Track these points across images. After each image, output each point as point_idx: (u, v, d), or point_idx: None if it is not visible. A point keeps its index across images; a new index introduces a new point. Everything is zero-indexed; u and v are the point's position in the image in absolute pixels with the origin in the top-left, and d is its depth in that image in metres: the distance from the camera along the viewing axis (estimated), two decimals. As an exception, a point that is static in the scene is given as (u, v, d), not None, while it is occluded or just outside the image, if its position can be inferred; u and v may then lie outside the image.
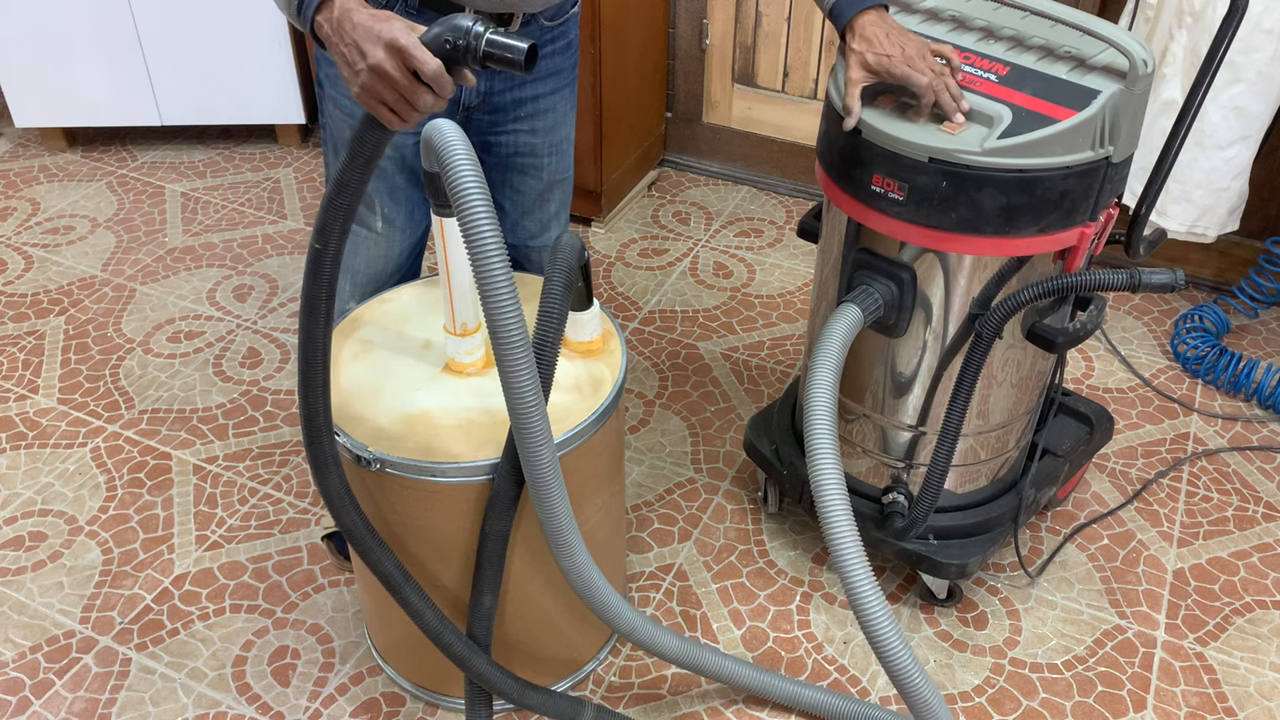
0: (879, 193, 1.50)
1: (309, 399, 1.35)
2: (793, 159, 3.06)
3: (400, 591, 1.48)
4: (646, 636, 1.58)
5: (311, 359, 1.32)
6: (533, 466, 1.34)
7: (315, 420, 1.36)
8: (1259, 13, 2.12)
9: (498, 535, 1.47)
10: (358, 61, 1.17)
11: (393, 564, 1.48)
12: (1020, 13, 1.56)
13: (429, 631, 1.50)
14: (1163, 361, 2.50)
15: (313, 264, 1.25)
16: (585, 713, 1.65)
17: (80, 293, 2.66)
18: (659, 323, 2.61)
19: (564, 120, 1.72)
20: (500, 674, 1.55)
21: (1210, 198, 2.34)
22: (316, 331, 1.30)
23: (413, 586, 1.49)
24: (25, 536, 2.03)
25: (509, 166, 1.71)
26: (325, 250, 1.23)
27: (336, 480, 1.41)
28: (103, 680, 1.79)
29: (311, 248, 1.24)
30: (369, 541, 1.46)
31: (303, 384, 1.34)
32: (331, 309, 1.30)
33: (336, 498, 1.42)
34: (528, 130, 1.68)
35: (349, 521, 1.44)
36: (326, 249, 1.23)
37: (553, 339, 1.39)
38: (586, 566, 1.46)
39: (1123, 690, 1.80)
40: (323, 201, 1.23)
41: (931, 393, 1.70)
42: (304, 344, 1.31)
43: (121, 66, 3.00)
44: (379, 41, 1.15)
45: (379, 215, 1.68)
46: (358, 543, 1.46)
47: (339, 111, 1.61)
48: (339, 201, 1.22)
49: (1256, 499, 2.15)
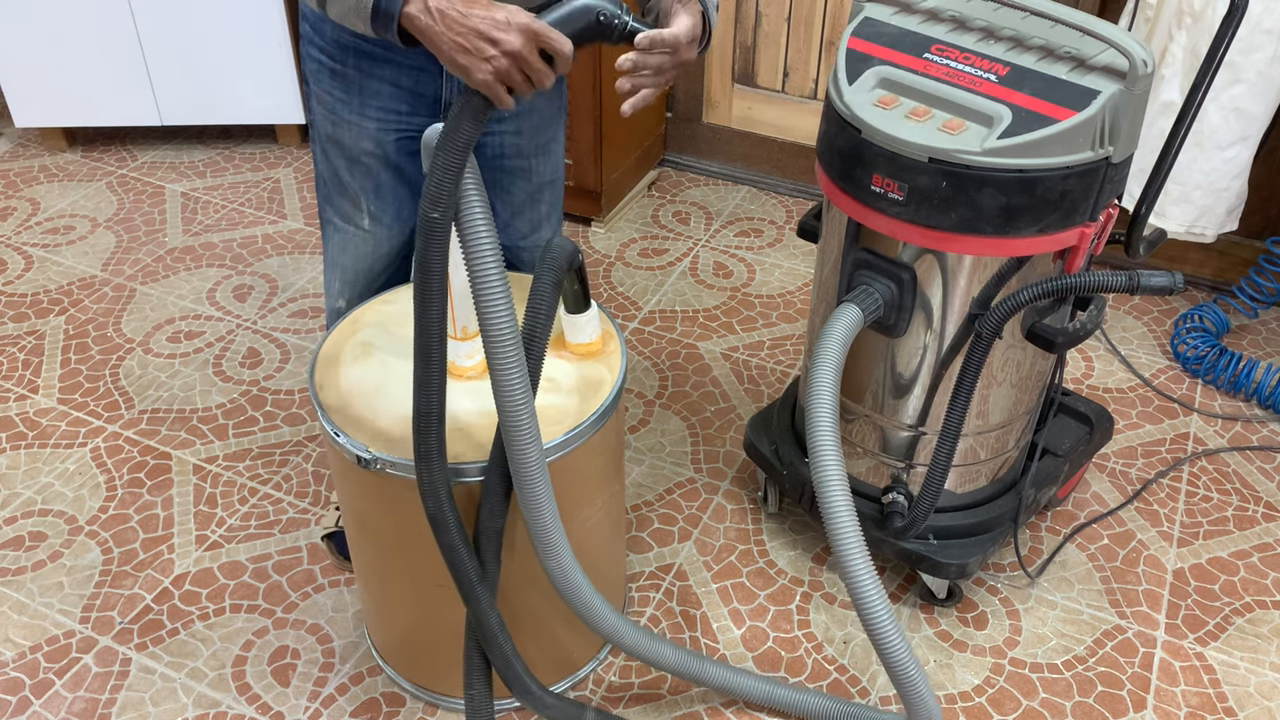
0: (879, 193, 1.50)
1: (426, 385, 1.33)
2: (793, 159, 3.06)
3: (473, 593, 1.46)
4: (630, 640, 1.58)
5: (429, 340, 1.31)
6: (520, 465, 1.35)
7: (429, 407, 1.34)
8: (1259, 13, 2.12)
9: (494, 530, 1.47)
10: (486, 49, 1.19)
11: (474, 565, 1.45)
12: (1020, 13, 1.56)
13: (488, 639, 1.48)
14: (1163, 361, 2.50)
15: (426, 232, 1.25)
16: (586, 716, 1.65)
17: (80, 293, 2.66)
18: (659, 323, 2.61)
19: (550, 121, 1.72)
20: (530, 677, 1.56)
21: (1209, 198, 2.34)
22: (432, 308, 1.29)
23: (485, 589, 1.47)
24: (25, 536, 2.03)
25: (497, 168, 1.71)
26: (443, 218, 1.24)
27: (440, 474, 1.39)
28: (103, 680, 1.79)
29: (427, 215, 1.24)
30: (455, 539, 1.43)
31: (420, 368, 1.32)
32: (445, 283, 1.29)
33: (435, 490, 1.40)
34: (513, 131, 1.68)
35: (441, 515, 1.42)
36: (444, 217, 1.25)
37: (539, 337, 1.40)
38: (571, 569, 1.46)
39: (1123, 690, 1.80)
40: (432, 174, 1.23)
41: (931, 393, 1.70)
42: (420, 324, 1.30)
43: (121, 66, 3.00)
44: (510, 27, 1.18)
45: (365, 213, 1.68)
46: (445, 539, 1.43)
47: (322, 108, 1.62)
48: (447, 178, 1.23)
49: (1256, 499, 2.15)
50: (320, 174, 1.69)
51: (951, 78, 1.48)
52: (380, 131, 1.60)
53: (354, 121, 1.59)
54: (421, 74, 1.56)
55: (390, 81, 1.56)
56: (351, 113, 1.59)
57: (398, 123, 1.61)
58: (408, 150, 1.65)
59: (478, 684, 1.55)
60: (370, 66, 1.54)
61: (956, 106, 1.46)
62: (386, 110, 1.58)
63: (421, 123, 1.62)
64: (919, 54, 1.53)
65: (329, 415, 1.49)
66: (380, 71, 1.55)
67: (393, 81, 1.56)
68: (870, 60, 1.54)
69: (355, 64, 1.54)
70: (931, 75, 1.50)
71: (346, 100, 1.58)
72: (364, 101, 1.57)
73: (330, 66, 1.56)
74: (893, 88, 1.52)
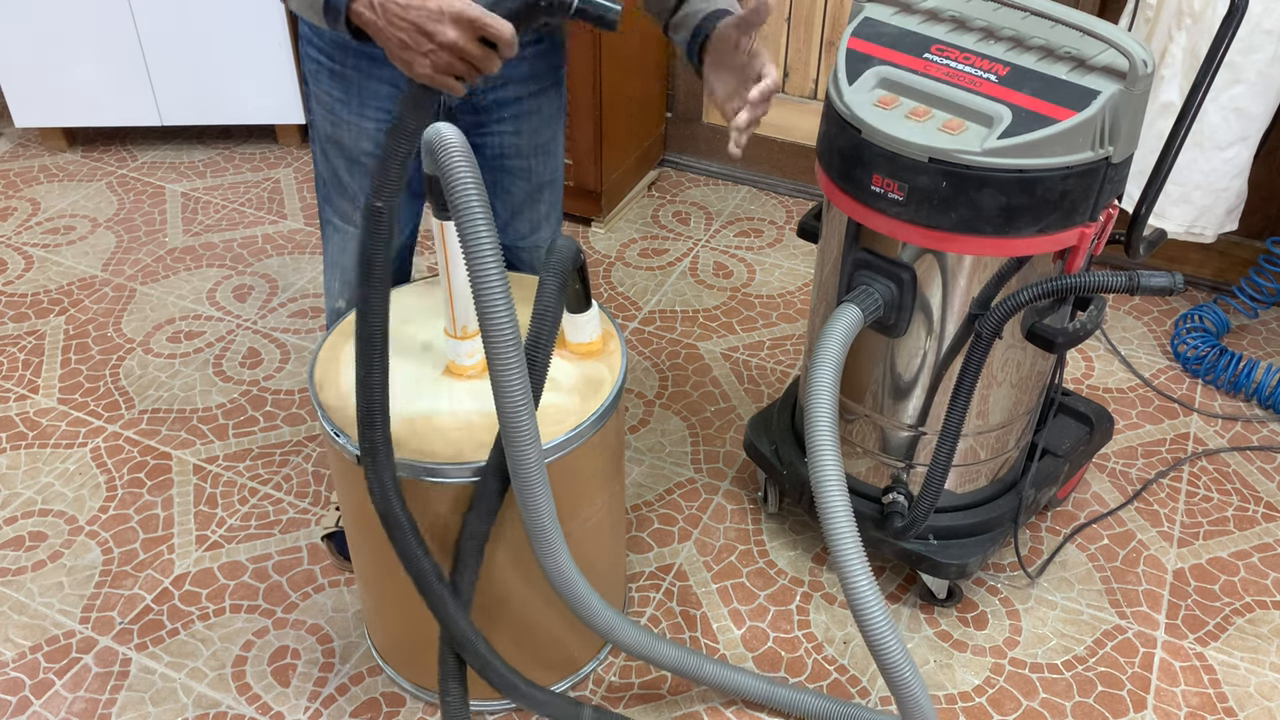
0: (879, 193, 1.50)
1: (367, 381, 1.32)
2: (793, 159, 3.06)
3: (430, 589, 1.46)
4: (626, 637, 1.58)
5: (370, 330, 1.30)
6: (519, 465, 1.35)
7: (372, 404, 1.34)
8: (1259, 13, 2.12)
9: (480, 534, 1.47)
10: (423, 43, 1.18)
11: (430, 563, 1.45)
12: (1020, 13, 1.56)
13: (458, 637, 1.48)
14: (1163, 361, 2.50)
15: (369, 221, 1.25)
16: (584, 714, 1.65)
17: (80, 293, 2.66)
18: (659, 323, 2.61)
19: (549, 122, 1.72)
20: (512, 674, 1.55)
21: (1209, 198, 2.34)
22: (373, 299, 1.28)
23: (445, 585, 1.47)
24: (25, 536, 2.03)
25: (496, 168, 1.71)
26: (387, 208, 1.24)
27: (387, 470, 1.39)
28: (103, 680, 1.79)
29: (370, 205, 1.24)
30: (408, 537, 1.43)
31: (362, 362, 1.31)
32: (388, 275, 1.29)
33: (383, 487, 1.40)
34: (512, 131, 1.68)
35: (391, 512, 1.41)
36: (388, 206, 1.24)
37: (546, 340, 1.39)
38: (568, 567, 1.47)
39: (1123, 690, 1.80)
40: (375, 165, 1.23)
41: (931, 393, 1.70)
42: (361, 313, 1.29)
43: (121, 66, 3.00)
44: (444, 18, 1.16)
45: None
46: (397, 537, 1.43)
47: (321, 108, 1.62)
48: (392, 167, 1.23)
49: (1256, 499, 2.15)
50: (320, 174, 1.69)
51: (951, 78, 1.49)
52: (379, 132, 1.60)
53: (353, 122, 1.59)
54: None
55: (389, 82, 1.56)
56: (350, 113, 1.59)
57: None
58: None
59: (453, 687, 1.53)
60: (369, 67, 1.54)
61: (956, 106, 1.46)
62: (386, 110, 1.58)
63: None
64: (919, 54, 1.53)
65: (329, 415, 1.49)
66: (379, 72, 1.55)
67: (391, 82, 1.56)
68: (870, 60, 1.54)
69: (354, 64, 1.54)
70: (931, 75, 1.50)
71: (345, 100, 1.58)
72: (363, 102, 1.57)
73: (329, 67, 1.56)
74: (893, 88, 1.52)
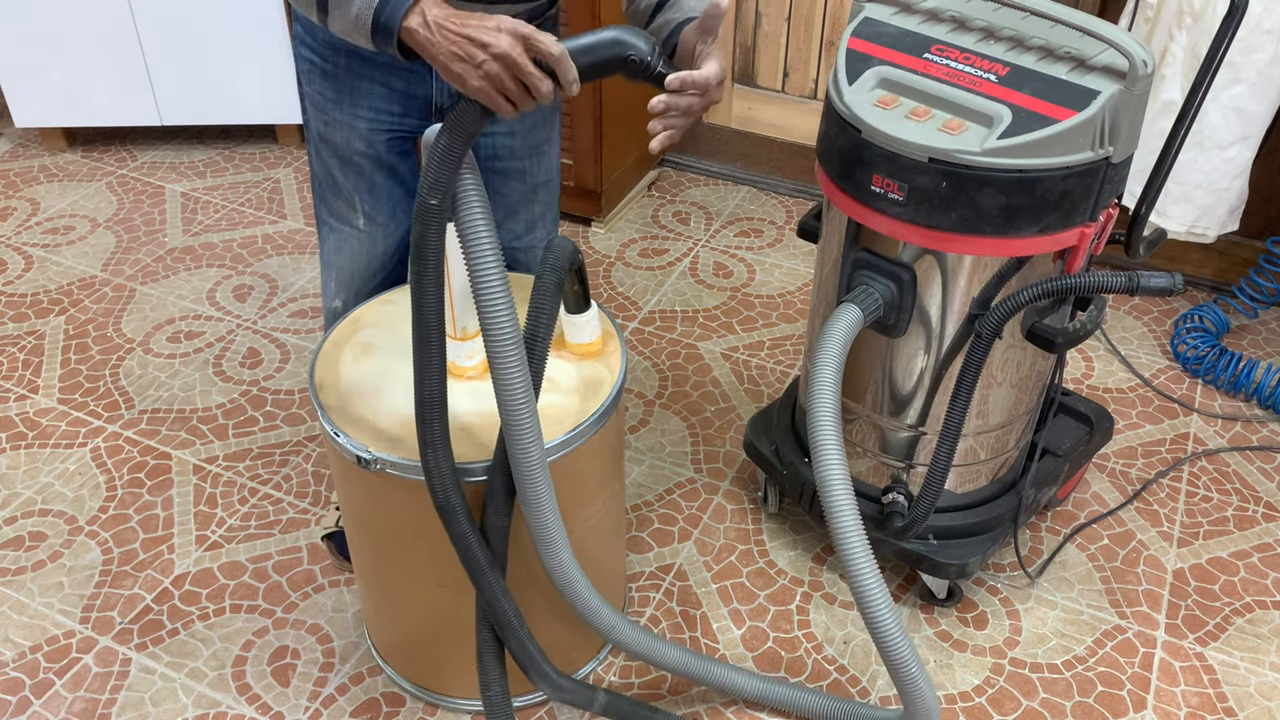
0: (879, 193, 1.50)
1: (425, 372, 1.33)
2: (793, 159, 3.06)
3: (485, 580, 1.46)
4: (626, 637, 1.59)
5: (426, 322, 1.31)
6: (521, 465, 1.35)
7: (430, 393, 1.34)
8: (1259, 13, 2.12)
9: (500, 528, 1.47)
10: (476, 54, 1.19)
11: (484, 553, 1.46)
12: (1020, 13, 1.56)
13: (504, 625, 1.49)
14: (1163, 361, 2.50)
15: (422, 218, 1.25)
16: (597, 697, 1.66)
17: (80, 293, 2.66)
18: (659, 323, 2.61)
19: (544, 123, 1.72)
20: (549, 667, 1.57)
21: (1210, 198, 2.34)
22: (429, 295, 1.29)
23: (497, 575, 1.47)
24: (25, 536, 2.03)
25: (490, 169, 1.71)
26: (440, 206, 1.24)
27: (446, 461, 1.39)
28: (103, 680, 1.79)
29: (425, 202, 1.24)
30: (465, 529, 1.43)
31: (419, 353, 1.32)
32: (442, 270, 1.29)
33: (441, 478, 1.40)
34: (505, 133, 1.68)
35: (449, 504, 1.41)
36: (441, 205, 1.25)
37: (543, 335, 1.40)
38: (570, 565, 1.47)
39: (1123, 690, 1.80)
40: (430, 161, 1.23)
41: (931, 393, 1.70)
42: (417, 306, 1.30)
43: (121, 66, 3.00)
44: (500, 31, 1.19)
45: (360, 212, 1.68)
46: (454, 528, 1.43)
47: (313, 108, 1.62)
48: (447, 166, 1.24)
49: (1256, 499, 2.15)
50: (315, 174, 1.70)
51: (951, 78, 1.49)
52: (372, 132, 1.60)
53: (345, 122, 1.59)
54: (412, 75, 1.56)
55: (381, 82, 1.56)
56: (342, 113, 1.59)
57: (389, 124, 1.61)
58: (399, 150, 1.65)
59: (495, 685, 1.54)
60: (361, 67, 1.54)
61: (956, 106, 1.46)
62: (378, 111, 1.59)
63: (413, 124, 1.62)
64: (919, 54, 1.53)
65: (329, 415, 1.49)
66: (371, 73, 1.55)
67: (384, 83, 1.56)
68: (870, 60, 1.54)
69: (346, 65, 1.55)
70: (931, 75, 1.50)
71: (337, 101, 1.58)
72: (355, 102, 1.58)
73: (321, 67, 1.56)
74: (893, 88, 1.52)
